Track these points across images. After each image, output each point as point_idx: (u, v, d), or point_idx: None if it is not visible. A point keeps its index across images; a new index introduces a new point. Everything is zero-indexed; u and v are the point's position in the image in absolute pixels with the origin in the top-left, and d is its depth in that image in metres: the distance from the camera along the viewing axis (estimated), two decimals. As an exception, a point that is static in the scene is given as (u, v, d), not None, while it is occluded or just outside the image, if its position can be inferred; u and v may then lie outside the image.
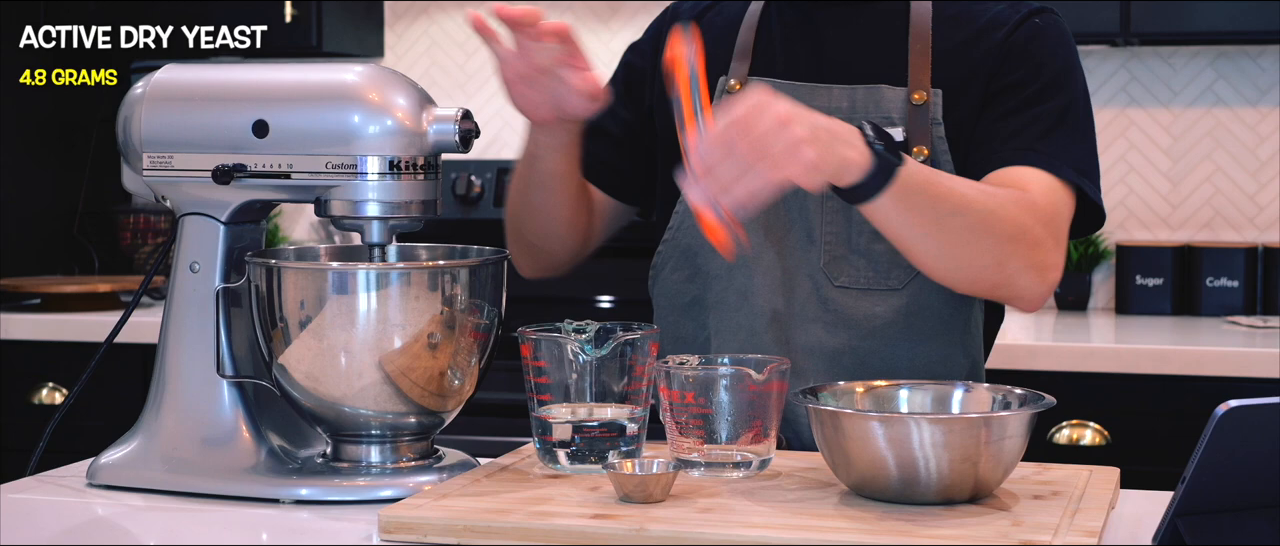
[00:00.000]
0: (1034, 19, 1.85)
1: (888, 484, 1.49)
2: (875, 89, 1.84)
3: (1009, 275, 1.71)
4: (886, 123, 1.81)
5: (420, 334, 1.61)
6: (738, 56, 1.90)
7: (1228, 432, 1.31)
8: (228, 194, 1.68)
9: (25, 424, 3.51)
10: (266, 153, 1.65)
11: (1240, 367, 2.93)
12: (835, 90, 1.85)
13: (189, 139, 1.68)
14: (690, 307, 1.89)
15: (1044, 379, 2.98)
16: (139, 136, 1.69)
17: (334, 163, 1.63)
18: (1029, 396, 1.57)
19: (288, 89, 1.67)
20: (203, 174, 1.67)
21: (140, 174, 1.71)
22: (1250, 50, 3.55)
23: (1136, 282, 3.52)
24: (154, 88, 1.70)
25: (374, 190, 1.64)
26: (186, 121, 1.68)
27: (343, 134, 1.63)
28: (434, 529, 1.45)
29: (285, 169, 1.65)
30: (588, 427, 1.62)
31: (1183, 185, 3.62)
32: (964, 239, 1.67)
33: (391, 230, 1.67)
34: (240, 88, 1.69)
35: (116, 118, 1.73)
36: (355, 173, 1.63)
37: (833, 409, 1.53)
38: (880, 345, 1.83)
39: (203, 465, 1.66)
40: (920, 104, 1.82)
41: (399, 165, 1.64)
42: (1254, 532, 1.36)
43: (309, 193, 1.67)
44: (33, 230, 3.85)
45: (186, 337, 1.69)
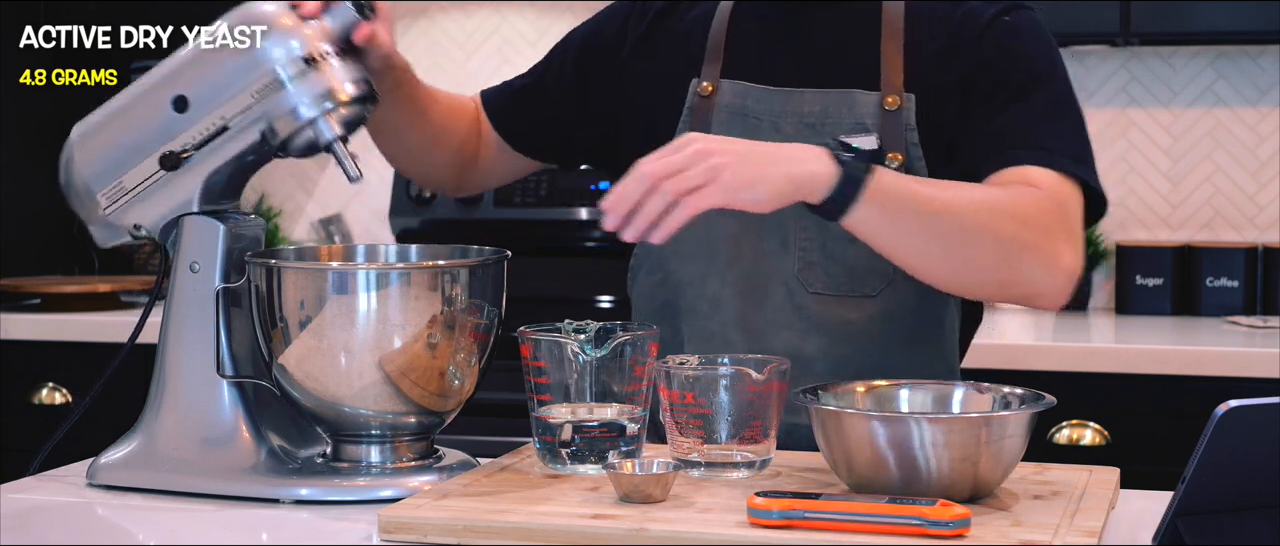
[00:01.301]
0: (1005, 16, 1.83)
1: (888, 483, 1.49)
2: (848, 93, 1.82)
3: (1018, 272, 1.69)
4: (859, 129, 1.80)
5: (420, 334, 1.61)
6: (709, 58, 1.89)
7: (1228, 432, 1.31)
8: (187, 180, 1.69)
9: (25, 424, 3.51)
10: (197, 120, 1.68)
11: (1240, 367, 2.93)
12: (808, 94, 1.84)
13: (127, 151, 1.71)
14: (663, 311, 1.89)
15: (1044, 379, 2.98)
16: (84, 180, 1.72)
17: (257, 90, 1.67)
18: (1029, 396, 1.57)
19: (184, 59, 1.70)
20: (158, 176, 1.69)
21: (105, 217, 1.73)
22: (1250, 50, 3.55)
23: (1136, 282, 3.52)
24: (75, 136, 1.74)
25: (303, 91, 1.66)
26: (116, 140, 1.72)
27: (249, 62, 1.67)
28: (434, 529, 1.45)
29: (221, 123, 1.68)
30: (588, 427, 1.62)
31: (1183, 185, 3.62)
32: (959, 241, 1.66)
33: (344, 121, 1.69)
34: (145, 84, 1.72)
35: (62, 191, 1.76)
36: (280, 86, 1.66)
37: (833, 409, 1.53)
38: (854, 351, 1.82)
39: (203, 465, 1.67)
40: (893, 109, 1.80)
41: (313, 58, 1.66)
42: (1254, 532, 1.36)
43: (256, 136, 1.68)
44: (33, 230, 3.85)
45: (186, 337, 1.69)
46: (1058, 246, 1.70)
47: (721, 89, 1.87)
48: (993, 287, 1.73)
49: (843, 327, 1.82)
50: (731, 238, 1.84)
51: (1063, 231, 1.71)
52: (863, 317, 1.81)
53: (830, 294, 1.82)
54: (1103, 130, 3.65)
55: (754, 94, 1.85)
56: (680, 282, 1.87)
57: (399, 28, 4.02)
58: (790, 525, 1.40)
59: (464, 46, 4.00)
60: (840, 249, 1.81)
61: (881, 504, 1.40)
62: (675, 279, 1.87)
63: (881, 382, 1.65)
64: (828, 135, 1.80)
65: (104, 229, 1.75)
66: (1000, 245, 1.67)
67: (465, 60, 4.00)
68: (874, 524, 1.39)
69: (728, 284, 1.84)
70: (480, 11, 3.99)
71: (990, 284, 1.72)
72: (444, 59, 4.01)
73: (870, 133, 1.79)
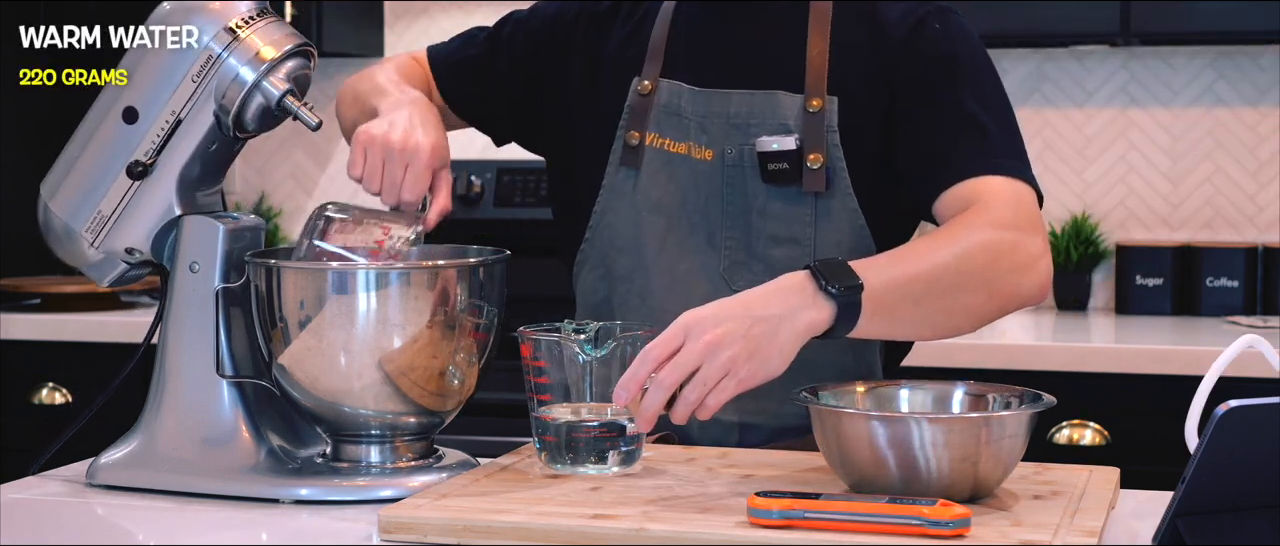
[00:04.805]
0: (934, 22, 1.83)
1: (888, 483, 1.49)
2: (772, 95, 1.84)
3: (1006, 295, 1.71)
4: (781, 130, 1.82)
5: (420, 334, 1.61)
6: (650, 56, 1.91)
7: (1228, 432, 1.31)
8: (162, 186, 1.71)
9: (25, 424, 3.51)
10: (151, 123, 1.70)
11: (1240, 367, 2.92)
12: (734, 96, 1.86)
13: (95, 179, 1.73)
14: (602, 307, 1.91)
15: (1044, 379, 2.98)
16: (63, 223, 1.74)
17: (196, 73, 1.69)
18: (1029, 396, 1.57)
19: (121, 74, 1.73)
20: (132, 190, 1.71)
21: (94, 253, 1.74)
22: (1250, 50, 3.55)
23: (1136, 283, 3.52)
24: (44, 191, 1.76)
25: (237, 61, 1.68)
26: (83, 173, 1.73)
27: (182, 51, 1.69)
28: (434, 529, 1.45)
29: (173, 118, 1.70)
30: (588, 427, 1.62)
31: (1183, 185, 3.62)
32: (951, 299, 1.68)
33: (289, 78, 1.70)
34: (92, 114, 1.74)
35: (48, 245, 1.78)
36: (217, 63, 1.68)
37: (833, 408, 1.53)
38: None
39: (203, 465, 1.67)
40: (815, 111, 1.82)
41: (235, 27, 1.69)
42: (1254, 532, 1.36)
43: (211, 120, 1.69)
44: (33, 230, 3.85)
45: (186, 337, 1.69)
46: (1030, 252, 1.72)
47: (659, 88, 1.89)
48: (990, 317, 1.74)
49: None
50: (659, 236, 1.86)
51: (1028, 234, 1.73)
52: None
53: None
54: (1103, 130, 3.65)
55: (686, 95, 1.88)
56: (616, 278, 1.89)
57: (399, 28, 4.02)
58: (790, 525, 1.40)
59: (464, 46, 3.99)
60: (763, 248, 1.83)
61: (881, 504, 1.40)
62: (613, 275, 1.90)
63: (881, 383, 1.66)
64: (752, 136, 1.83)
65: (98, 267, 1.76)
66: (985, 284, 1.69)
67: (465, 60, 4.00)
68: (874, 524, 1.39)
69: (655, 280, 1.86)
70: (480, 11, 3.99)
71: (985, 317, 1.73)
72: (444, 59, 4.01)
73: (791, 134, 1.81)
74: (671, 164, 1.87)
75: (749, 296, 1.58)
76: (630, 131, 1.89)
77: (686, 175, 1.86)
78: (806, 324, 1.58)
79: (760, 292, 1.59)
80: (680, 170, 1.87)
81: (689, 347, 1.53)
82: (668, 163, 1.87)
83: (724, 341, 1.54)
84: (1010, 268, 1.70)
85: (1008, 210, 1.73)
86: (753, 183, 1.83)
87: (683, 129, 1.87)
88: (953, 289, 1.67)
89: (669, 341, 1.54)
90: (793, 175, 1.81)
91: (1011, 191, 1.75)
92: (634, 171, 1.88)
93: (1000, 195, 1.74)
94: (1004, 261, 1.70)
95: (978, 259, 1.68)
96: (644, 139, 1.88)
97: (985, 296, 1.70)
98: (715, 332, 1.54)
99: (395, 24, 4.03)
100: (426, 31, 4.00)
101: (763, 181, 1.82)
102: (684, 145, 1.87)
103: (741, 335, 1.54)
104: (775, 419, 1.84)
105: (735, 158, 1.84)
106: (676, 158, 1.87)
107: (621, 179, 1.89)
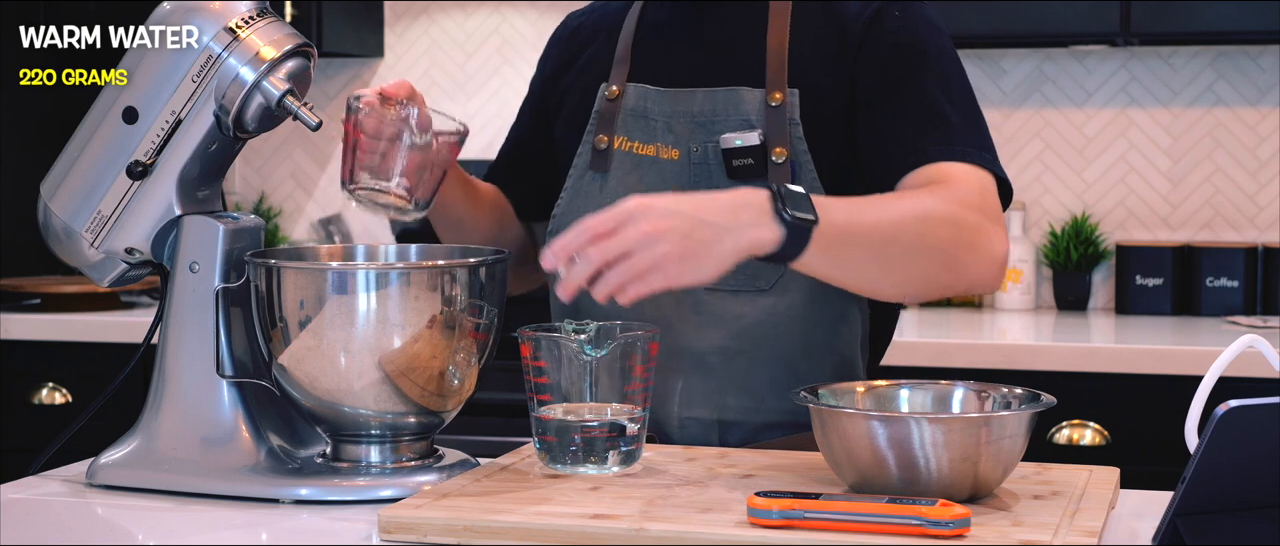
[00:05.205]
0: (893, 10, 1.83)
1: (888, 483, 1.49)
2: (734, 91, 1.84)
3: (958, 272, 1.71)
4: (745, 125, 1.82)
5: (420, 334, 1.61)
6: (618, 61, 1.92)
7: (1228, 432, 1.31)
8: (162, 186, 1.70)
9: (25, 424, 3.51)
10: (151, 123, 1.70)
11: (1240, 367, 2.92)
12: (698, 94, 1.86)
13: (95, 179, 1.72)
14: (568, 309, 1.90)
15: (1044, 379, 2.98)
16: (63, 224, 1.74)
17: (196, 73, 1.68)
18: (1029, 396, 1.57)
19: (121, 74, 1.72)
20: (132, 190, 1.71)
21: (94, 253, 1.74)
22: (1250, 50, 3.55)
23: (1136, 283, 3.53)
24: (44, 191, 1.76)
25: (237, 61, 1.68)
26: (83, 173, 1.73)
27: (181, 53, 1.69)
28: (434, 529, 1.45)
29: (174, 118, 1.69)
30: (588, 427, 1.62)
31: (1183, 185, 3.62)
32: (902, 259, 1.68)
33: (290, 77, 1.70)
34: (92, 114, 1.73)
35: (48, 246, 1.78)
36: (217, 63, 1.68)
37: (833, 408, 1.53)
38: (747, 344, 1.83)
39: (202, 465, 1.67)
40: (777, 105, 1.82)
41: (235, 27, 1.68)
42: (1254, 532, 1.36)
43: (211, 120, 1.69)
44: (33, 230, 3.85)
45: (186, 337, 1.69)
46: (990, 239, 1.73)
47: (626, 92, 1.90)
48: (936, 290, 1.75)
49: (737, 321, 1.83)
50: None
51: (989, 221, 1.73)
52: (756, 311, 1.83)
53: (724, 289, 1.83)
54: (1103, 130, 3.65)
55: (652, 96, 1.89)
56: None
57: (399, 28, 4.02)
58: (790, 525, 1.40)
59: (464, 47, 4.00)
60: None
61: (881, 504, 1.40)
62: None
63: (881, 382, 1.66)
64: (717, 133, 1.83)
65: (98, 267, 1.76)
66: (941, 253, 1.69)
67: (465, 60, 4.00)
68: (874, 524, 1.39)
69: None
70: (480, 11, 3.99)
71: (934, 288, 1.74)
72: (444, 59, 4.01)
73: (754, 129, 1.81)
74: (640, 166, 1.87)
75: (703, 199, 1.57)
76: (598, 136, 1.89)
77: (654, 176, 1.86)
78: (749, 242, 1.56)
79: (715, 199, 1.57)
80: (649, 172, 1.87)
81: (627, 231, 1.52)
82: (636, 165, 1.87)
83: (663, 235, 1.52)
84: (969, 247, 1.70)
85: (975, 195, 1.74)
86: (719, 180, 1.83)
87: (650, 131, 1.87)
88: (909, 251, 1.67)
89: (609, 219, 1.53)
90: (758, 170, 1.80)
91: (977, 179, 1.76)
92: (602, 175, 1.88)
93: (966, 180, 1.75)
94: (964, 240, 1.70)
95: (940, 230, 1.69)
96: (612, 142, 1.88)
97: (937, 267, 1.70)
98: (656, 224, 1.52)
99: (395, 24, 4.03)
100: (426, 31, 4.00)
101: (728, 178, 1.82)
102: (651, 147, 1.87)
103: (682, 234, 1.53)
104: (756, 415, 1.84)
105: (701, 156, 1.85)
106: (645, 160, 1.87)
107: (588, 182, 1.89)
